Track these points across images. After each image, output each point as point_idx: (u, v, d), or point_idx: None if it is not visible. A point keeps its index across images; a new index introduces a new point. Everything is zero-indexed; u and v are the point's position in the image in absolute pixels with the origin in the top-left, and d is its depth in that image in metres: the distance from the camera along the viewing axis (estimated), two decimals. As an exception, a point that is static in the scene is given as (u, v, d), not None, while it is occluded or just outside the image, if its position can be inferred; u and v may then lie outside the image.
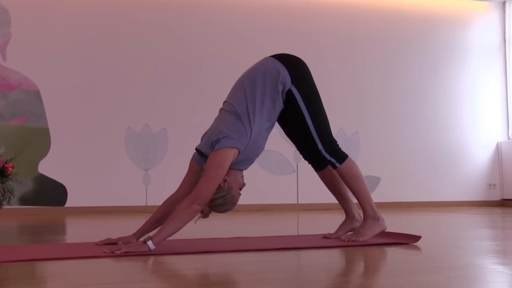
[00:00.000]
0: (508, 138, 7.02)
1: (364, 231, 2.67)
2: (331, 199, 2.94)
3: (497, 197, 6.95)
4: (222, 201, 2.45)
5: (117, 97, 5.91)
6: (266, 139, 2.59)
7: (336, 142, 2.73)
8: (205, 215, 2.44)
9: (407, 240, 2.63)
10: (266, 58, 2.68)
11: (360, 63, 6.66)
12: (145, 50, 6.03)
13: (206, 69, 6.15)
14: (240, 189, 2.54)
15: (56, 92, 5.76)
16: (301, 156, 2.83)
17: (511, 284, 1.72)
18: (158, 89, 6.02)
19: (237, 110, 2.51)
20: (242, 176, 2.56)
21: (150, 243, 2.26)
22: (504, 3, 7.15)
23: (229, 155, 2.40)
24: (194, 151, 2.58)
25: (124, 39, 6.00)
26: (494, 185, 6.96)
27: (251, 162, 2.58)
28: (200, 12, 6.23)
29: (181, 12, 6.18)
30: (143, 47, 6.03)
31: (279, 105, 2.60)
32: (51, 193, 5.63)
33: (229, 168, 2.44)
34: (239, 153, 2.45)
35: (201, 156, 2.52)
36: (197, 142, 2.60)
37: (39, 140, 5.66)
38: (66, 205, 5.65)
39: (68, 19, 5.87)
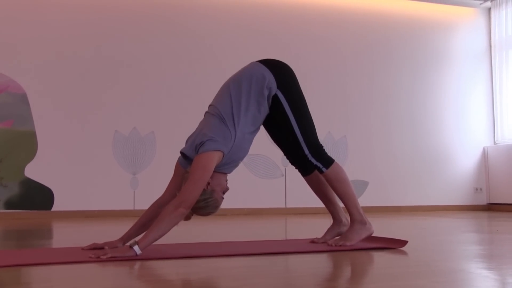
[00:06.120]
0: (494, 142, 7.08)
1: (351, 236, 2.68)
2: (319, 203, 2.95)
3: (483, 201, 7.01)
4: (205, 204, 2.44)
5: (105, 101, 5.89)
6: (251, 142, 2.60)
7: (322, 147, 2.74)
8: (187, 217, 2.43)
9: (394, 245, 2.64)
10: (252, 63, 2.70)
11: (348, 68, 6.69)
12: (134, 53, 6.01)
13: (195, 72, 6.14)
14: (224, 193, 2.53)
15: (43, 95, 5.73)
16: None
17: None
18: (146, 93, 6.01)
19: (222, 113, 2.51)
20: (226, 180, 2.56)
21: (136, 247, 2.25)
22: (489, 9, 7.22)
23: (214, 158, 2.40)
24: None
25: (111, 42, 5.97)
26: (481, 189, 7.01)
27: (235, 165, 2.58)
28: (189, 16, 6.23)
29: (170, 16, 6.18)
30: (131, 50, 6.01)
31: (264, 110, 2.61)
32: (38, 197, 5.59)
33: (213, 171, 2.43)
34: (223, 156, 2.45)
35: (186, 159, 2.52)
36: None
37: (25, 144, 5.62)
38: (52, 209, 5.61)
39: (55, 22, 5.84)
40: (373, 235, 2.75)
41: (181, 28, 6.20)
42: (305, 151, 2.67)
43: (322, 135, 2.69)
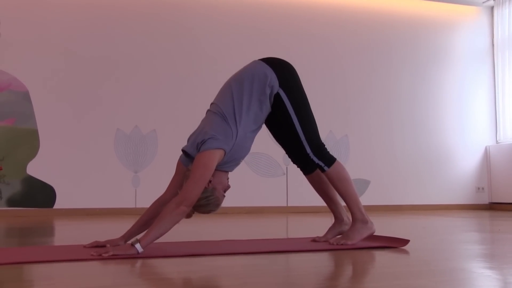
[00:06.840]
0: (497, 142, 7.06)
1: (353, 235, 2.67)
2: (321, 202, 2.95)
3: (485, 200, 7.00)
4: (206, 201, 2.44)
5: (107, 99, 5.89)
6: (252, 141, 2.60)
7: (324, 145, 2.73)
8: (188, 215, 2.43)
9: (396, 244, 2.63)
10: (254, 61, 2.69)
11: (349, 67, 6.68)
12: (136, 52, 6.01)
13: (197, 71, 6.14)
14: (225, 191, 2.53)
15: (45, 93, 5.73)
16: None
17: (497, 288, 1.73)
18: (148, 91, 6.01)
19: (224, 111, 2.51)
20: (228, 178, 2.56)
21: (138, 245, 2.25)
22: (492, 8, 7.21)
23: (215, 156, 2.40)
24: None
25: (114, 41, 5.97)
26: (483, 188, 7.00)
27: (237, 164, 2.58)
28: (191, 15, 6.22)
29: (171, 15, 6.17)
30: (134, 49, 6.01)
31: (266, 108, 2.61)
32: (40, 194, 5.59)
33: (215, 169, 2.43)
34: (224, 154, 2.45)
35: (187, 157, 2.52)
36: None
37: (28, 142, 5.63)
38: (54, 207, 5.62)
39: (57, 20, 5.84)
40: (375, 234, 2.75)
41: (184, 26, 6.20)
42: (307, 150, 2.67)
43: (323, 134, 2.69)
